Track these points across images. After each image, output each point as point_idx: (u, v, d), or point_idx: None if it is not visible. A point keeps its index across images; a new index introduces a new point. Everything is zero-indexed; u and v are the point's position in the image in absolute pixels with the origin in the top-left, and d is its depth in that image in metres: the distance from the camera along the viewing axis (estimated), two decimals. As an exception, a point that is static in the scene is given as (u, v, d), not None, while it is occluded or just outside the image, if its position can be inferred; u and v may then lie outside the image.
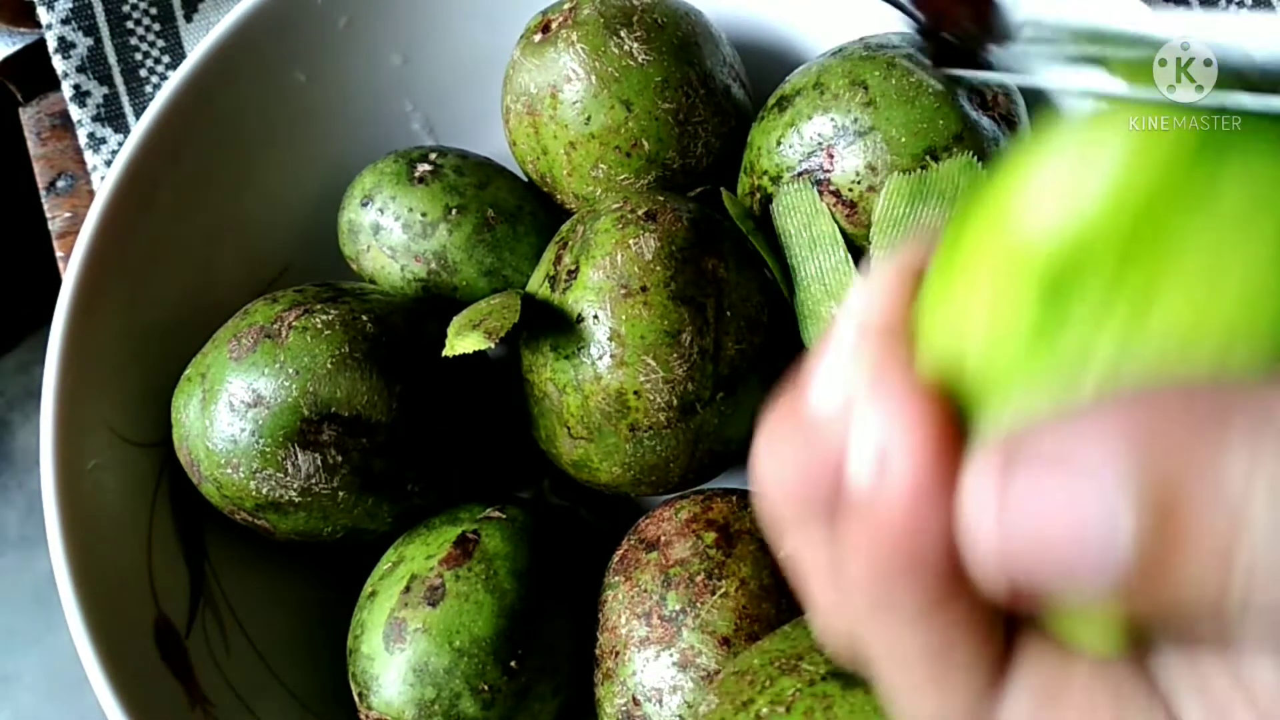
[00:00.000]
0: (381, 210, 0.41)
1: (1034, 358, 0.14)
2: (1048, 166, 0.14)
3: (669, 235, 0.35)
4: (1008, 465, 0.12)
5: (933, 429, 0.14)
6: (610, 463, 0.36)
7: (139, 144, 0.39)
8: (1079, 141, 0.14)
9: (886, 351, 0.15)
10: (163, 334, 0.39)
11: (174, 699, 0.34)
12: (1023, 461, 0.12)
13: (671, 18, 0.40)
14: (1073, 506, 0.12)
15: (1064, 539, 0.12)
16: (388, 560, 0.37)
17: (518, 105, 0.41)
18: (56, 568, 0.33)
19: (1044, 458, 0.12)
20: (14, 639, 1.08)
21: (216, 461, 0.35)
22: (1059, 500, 0.12)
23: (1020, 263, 0.14)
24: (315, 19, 0.43)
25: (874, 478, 0.14)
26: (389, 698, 0.33)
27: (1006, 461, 0.12)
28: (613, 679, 0.35)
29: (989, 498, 0.12)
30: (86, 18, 0.49)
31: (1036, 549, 0.12)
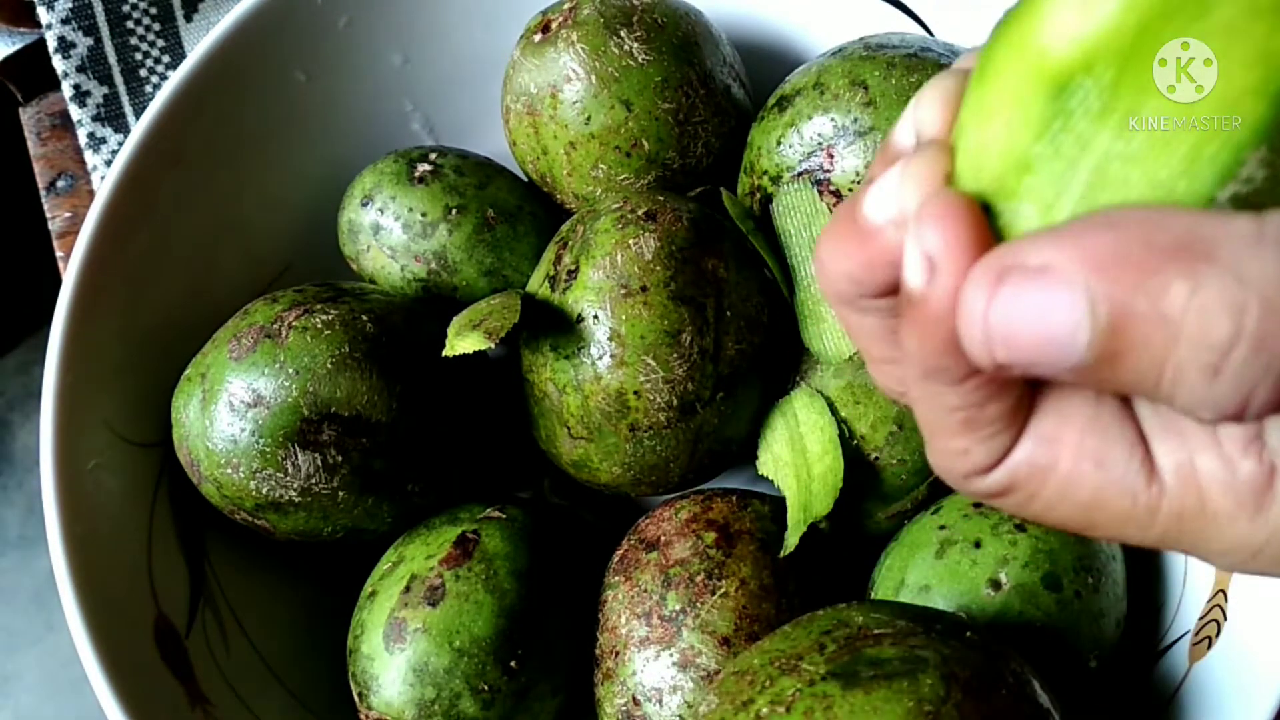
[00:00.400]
0: (381, 210, 0.41)
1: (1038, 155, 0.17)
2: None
3: (669, 235, 0.35)
4: (998, 277, 0.16)
5: (970, 242, 0.17)
6: (610, 463, 0.36)
7: (139, 144, 0.39)
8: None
9: (932, 169, 0.18)
10: (163, 334, 0.39)
11: (174, 699, 0.34)
12: (1009, 275, 0.16)
13: (671, 18, 0.40)
14: (1045, 315, 0.16)
15: (1035, 339, 0.16)
16: (388, 560, 0.37)
17: (518, 105, 0.41)
18: (56, 568, 0.33)
19: (1026, 271, 0.16)
20: (14, 639, 1.08)
21: (216, 461, 0.35)
22: (1034, 309, 0.16)
23: (1034, 70, 0.16)
24: (315, 19, 0.43)
25: (925, 282, 0.17)
26: (389, 698, 0.33)
27: (997, 274, 0.16)
28: (613, 679, 0.35)
29: (980, 302, 0.16)
30: (86, 17, 0.49)
31: (1012, 345, 0.16)
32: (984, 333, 0.16)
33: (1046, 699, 0.27)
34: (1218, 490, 0.18)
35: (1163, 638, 0.36)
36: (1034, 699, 0.27)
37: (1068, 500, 0.19)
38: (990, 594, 0.33)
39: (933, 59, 0.36)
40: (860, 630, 0.28)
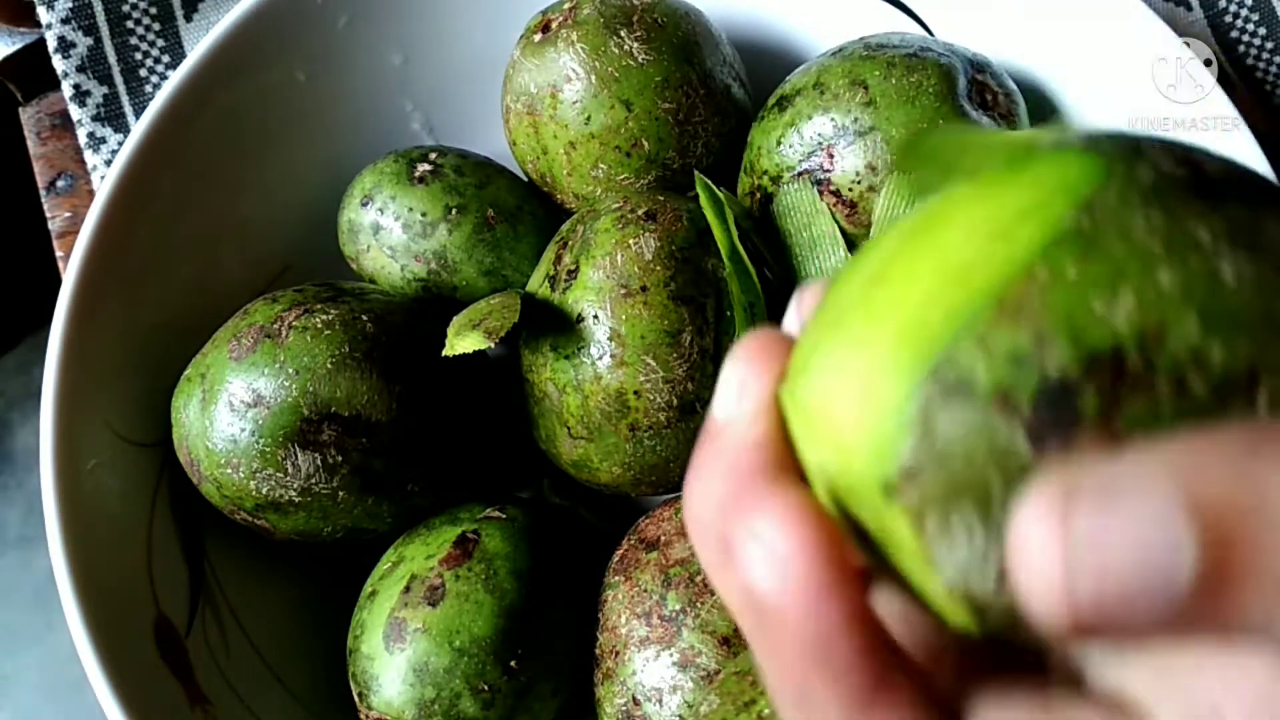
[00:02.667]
0: (381, 210, 0.41)
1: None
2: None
3: (669, 235, 0.35)
4: (1066, 502, 0.13)
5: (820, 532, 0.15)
6: (610, 463, 0.36)
7: (139, 144, 0.39)
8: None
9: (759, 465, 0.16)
10: (163, 334, 0.39)
11: (174, 699, 0.34)
12: (1081, 497, 0.13)
13: (671, 17, 0.40)
14: (1135, 536, 0.12)
15: (1129, 568, 0.12)
16: (388, 560, 0.37)
17: (518, 105, 0.41)
18: (56, 567, 0.33)
19: (1099, 492, 0.13)
20: (14, 639, 1.08)
21: (216, 461, 0.35)
22: (1121, 531, 0.12)
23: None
24: (315, 19, 0.43)
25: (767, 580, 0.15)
26: (389, 697, 0.33)
27: (1065, 498, 0.13)
28: (613, 679, 0.35)
29: (1049, 535, 0.13)
30: (86, 17, 0.49)
31: (1104, 583, 0.12)
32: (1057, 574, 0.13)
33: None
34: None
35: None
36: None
37: None
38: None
39: (933, 59, 0.36)
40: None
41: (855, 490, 0.16)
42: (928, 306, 0.15)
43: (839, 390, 0.16)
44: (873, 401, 0.15)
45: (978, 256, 0.15)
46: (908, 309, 0.15)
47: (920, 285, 0.15)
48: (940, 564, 0.15)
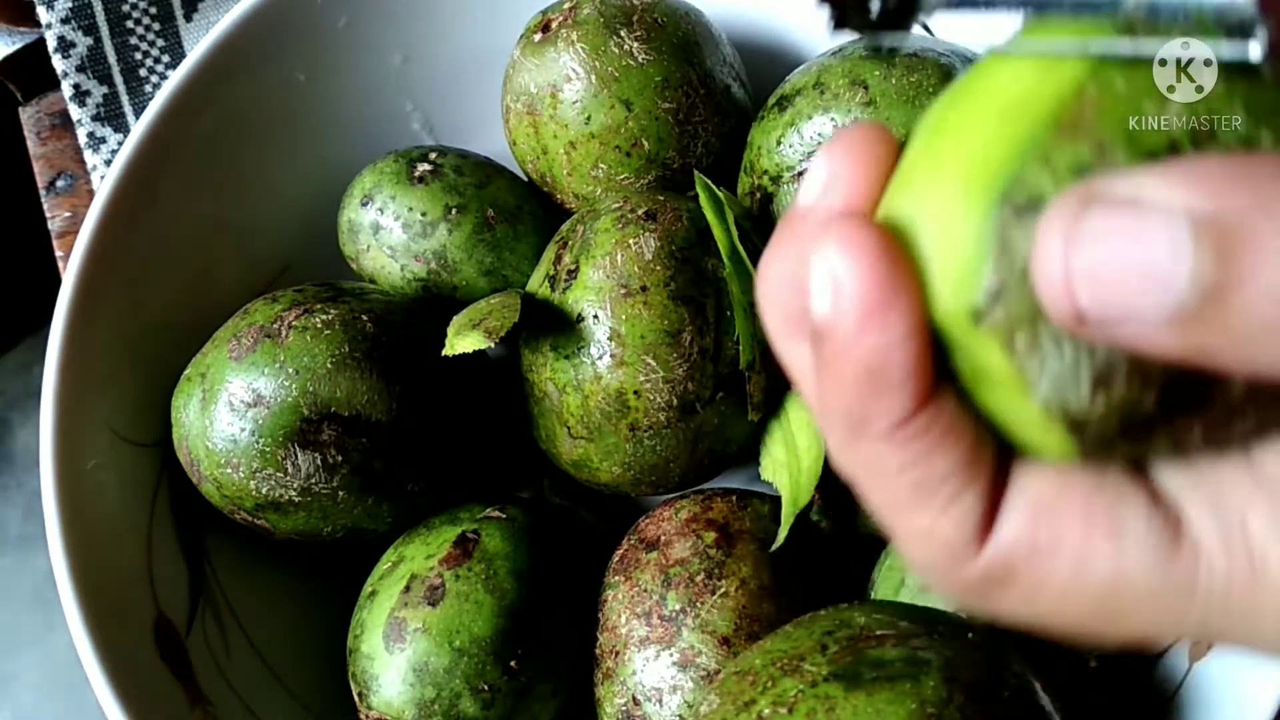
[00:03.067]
0: (381, 210, 0.41)
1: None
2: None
3: (669, 235, 0.35)
4: (1082, 205, 0.13)
5: (878, 253, 0.15)
6: (610, 463, 0.36)
7: (139, 143, 0.39)
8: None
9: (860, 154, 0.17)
10: (163, 334, 0.39)
11: (174, 699, 0.34)
12: (1097, 201, 0.13)
13: (671, 17, 0.40)
14: (1140, 244, 0.13)
15: (1127, 275, 0.13)
16: (388, 560, 0.37)
17: (518, 105, 0.41)
18: (56, 567, 0.33)
19: (1118, 199, 0.13)
20: (14, 639, 1.08)
21: (216, 461, 0.35)
22: (1128, 238, 0.13)
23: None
24: (315, 19, 0.43)
25: (832, 307, 0.15)
26: (389, 697, 0.33)
27: (1082, 201, 0.13)
28: (613, 679, 0.35)
29: (1058, 237, 0.13)
30: (86, 17, 0.49)
31: (1100, 285, 0.13)
32: (1064, 273, 0.13)
33: (1047, 700, 0.27)
34: (1276, 550, 0.15)
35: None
36: (1035, 701, 0.27)
37: (1083, 588, 0.15)
38: (991, 594, 0.33)
39: (933, 59, 0.36)
40: (862, 631, 0.28)
41: (946, 329, 0.16)
42: (990, 141, 0.15)
43: (918, 235, 0.16)
44: (951, 234, 0.15)
45: (1028, 90, 0.16)
46: (971, 147, 0.16)
47: (979, 125, 0.16)
48: (1034, 382, 0.15)
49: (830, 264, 0.15)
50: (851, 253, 0.15)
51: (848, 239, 0.15)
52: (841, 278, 0.15)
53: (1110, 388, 0.15)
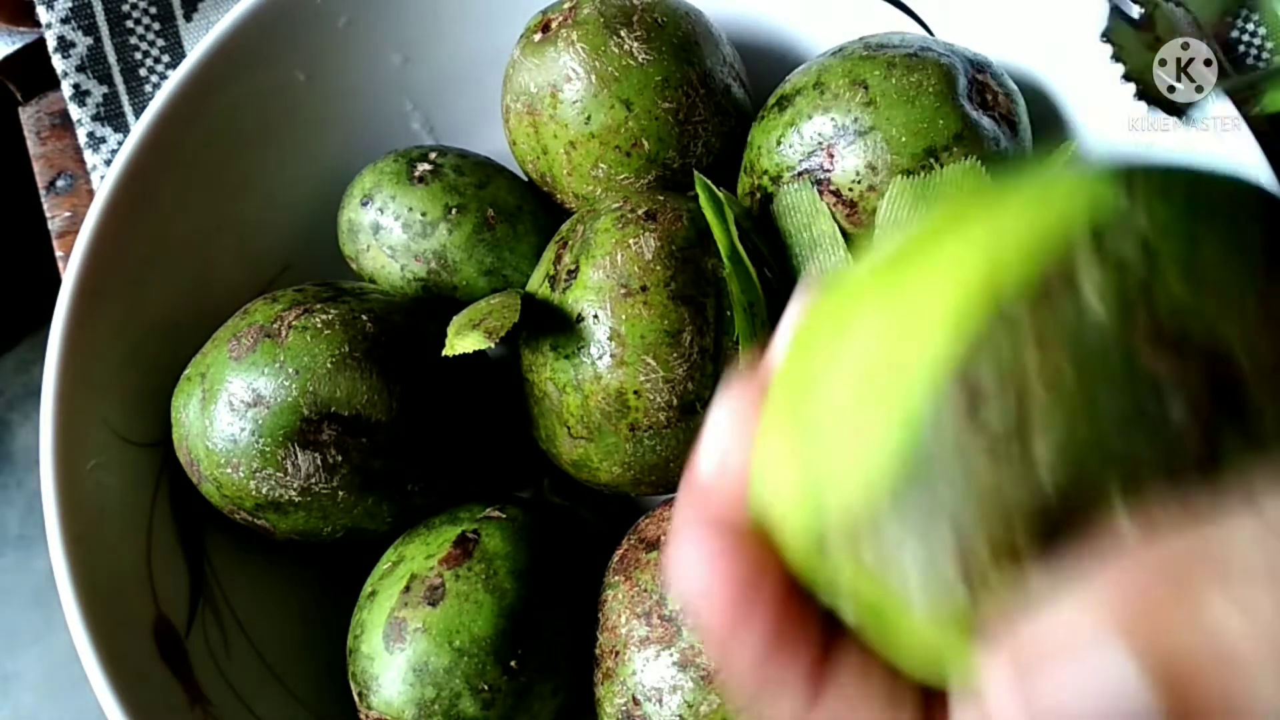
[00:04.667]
0: (381, 210, 0.41)
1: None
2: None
3: (669, 235, 0.35)
4: (1022, 671, 0.13)
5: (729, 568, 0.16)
6: (610, 462, 0.36)
7: (139, 143, 0.39)
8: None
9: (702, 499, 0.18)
10: (163, 334, 0.39)
11: (174, 699, 0.34)
12: (1033, 662, 0.13)
13: (671, 17, 0.40)
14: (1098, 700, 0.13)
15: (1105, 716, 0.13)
16: (388, 560, 0.37)
17: (518, 105, 0.41)
18: (56, 567, 0.33)
19: (1051, 652, 0.13)
20: (14, 638, 1.08)
21: (216, 461, 0.35)
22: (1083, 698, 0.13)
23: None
24: (315, 18, 0.43)
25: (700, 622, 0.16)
26: (389, 697, 0.33)
27: (1018, 667, 0.13)
28: (613, 679, 0.35)
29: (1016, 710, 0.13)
30: (86, 17, 0.49)
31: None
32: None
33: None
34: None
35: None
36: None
37: None
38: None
39: (933, 59, 0.36)
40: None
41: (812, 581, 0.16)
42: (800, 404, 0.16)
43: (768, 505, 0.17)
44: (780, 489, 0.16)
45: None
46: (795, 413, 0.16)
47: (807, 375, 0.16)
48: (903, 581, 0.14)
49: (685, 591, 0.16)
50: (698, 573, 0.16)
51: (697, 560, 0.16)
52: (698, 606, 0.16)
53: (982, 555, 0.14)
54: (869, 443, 0.15)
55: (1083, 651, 0.13)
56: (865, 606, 0.16)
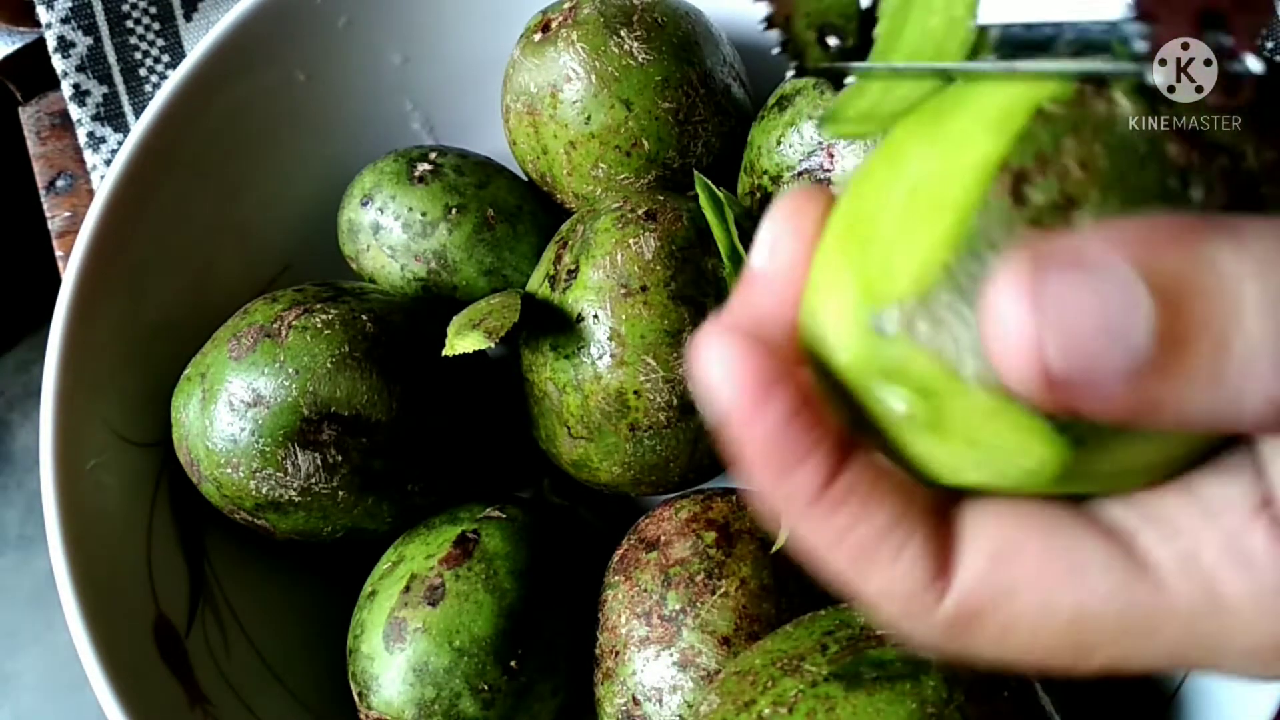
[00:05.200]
0: (381, 210, 0.41)
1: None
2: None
3: (669, 235, 0.35)
4: (1035, 271, 0.14)
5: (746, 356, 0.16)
6: (610, 462, 0.36)
7: (139, 143, 0.39)
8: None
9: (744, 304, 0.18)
10: (163, 334, 0.39)
11: (174, 699, 0.34)
12: (1049, 265, 0.14)
13: (671, 17, 0.40)
14: (1098, 296, 0.13)
15: (1088, 330, 0.13)
16: (388, 560, 0.37)
17: (518, 105, 0.41)
18: (56, 567, 0.33)
19: (1066, 260, 0.14)
20: (14, 638, 1.08)
21: (216, 461, 0.35)
22: (1080, 295, 0.13)
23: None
24: (315, 18, 0.43)
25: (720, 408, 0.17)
26: (389, 697, 0.33)
27: (1033, 267, 0.14)
28: (613, 679, 0.35)
29: (1015, 302, 0.14)
30: (86, 17, 0.49)
31: (1065, 340, 0.13)
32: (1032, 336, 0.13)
33: (1047, 701, 0.27)
34: (1230, 576, 0.15)
35: (1163, 638, 0.36)
36: (1036, 701, 0.27)
37: (1049, 622, 0.16)
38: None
39: (933, 59, 0.36)
40: (862, 631, 0.28)
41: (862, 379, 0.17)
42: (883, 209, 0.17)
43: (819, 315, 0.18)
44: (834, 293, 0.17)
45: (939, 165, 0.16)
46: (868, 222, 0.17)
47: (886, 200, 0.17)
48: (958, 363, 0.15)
49: (709, 377, 0.17)
50: (722, 363, 0.16)
51: (718, 353, 0.17)
52: (719, 386, 0.16)
53: None
54: (921, 237, 0.16)
55: (1093, 262, 0.13)
56: (917, 389, 0.16)
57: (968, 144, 0.16)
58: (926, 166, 0.16)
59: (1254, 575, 0.15)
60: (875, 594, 0.17)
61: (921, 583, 0.16)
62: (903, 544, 0.16)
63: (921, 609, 0.16)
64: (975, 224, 0.15)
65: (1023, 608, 0.16)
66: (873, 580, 0.17)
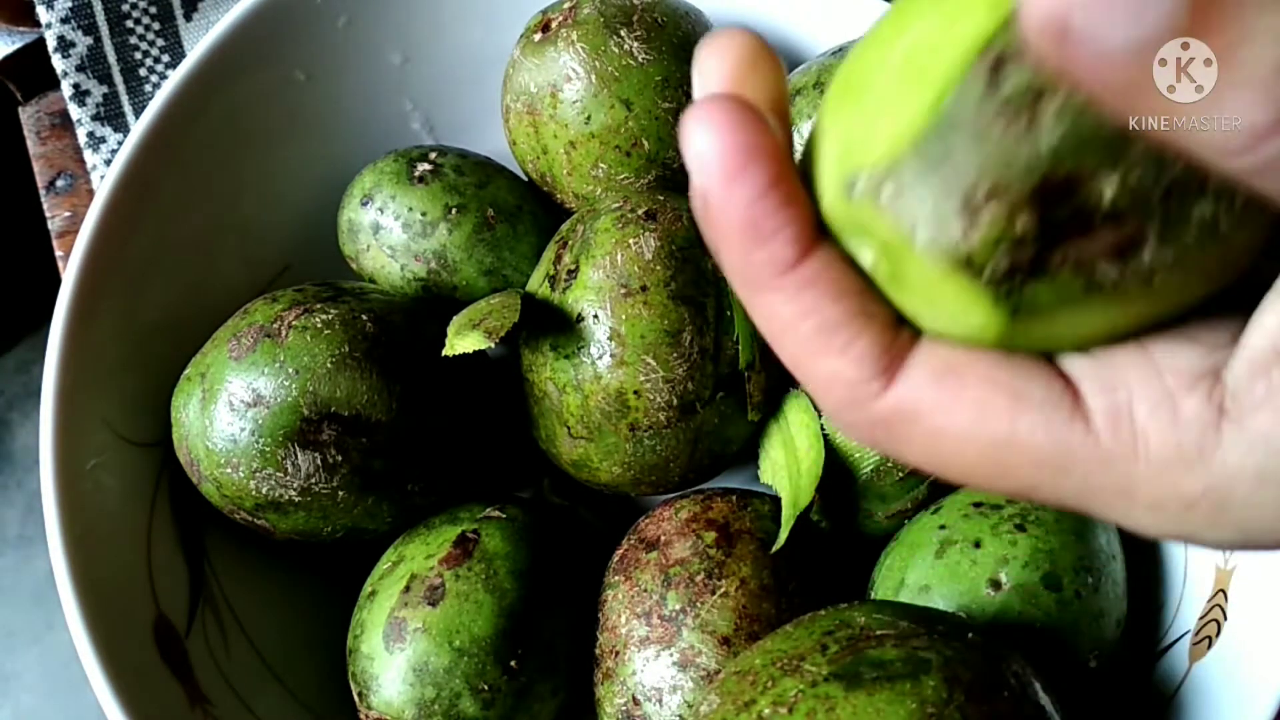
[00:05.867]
0: (381, 210, 0.41)
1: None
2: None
3: (669, 235, 0.35)
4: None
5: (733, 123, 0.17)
6: (610, 462, 0.36)
7: (138, 143, 0.39)
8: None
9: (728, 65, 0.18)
10: (163, 334, 0.39)
11: (174, 699, 0.34)
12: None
13: (671, 17, 0.40)
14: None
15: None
16: (388, 560, 0.37)
17: (517, 104, 0.41)
18: (56, 567, 0.33)
19: None
20: (14, 638, 1.08)
21: (216, 461, 0.35)
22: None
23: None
24: (315, 18, 0.43)
25: (700, 173, 0.17)
26: (389, 697, 0.33)
27: None
28: (613, 679, 0.35)
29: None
30: (86, 17, 0.49)
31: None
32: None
33: (1048, 701, 0.27)
34: (1155, 431, 0.16)
35: (1163, 638, 0.36)
36: (1036, 701, 0.27)
37: (978, 439, 0.17)
38: (990, 594, 0.33)
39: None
40: (862, 631, 0.28)
41: (837, 223, 0.18)
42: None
43: (819, 152, 0.18)
44: (829, 135, 0.18)
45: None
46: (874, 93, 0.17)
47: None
48: (911, 231, 0.16)
49: (694, 138, 0.17)
50: (709, 125, 0.17)
51: (707, 116, 0.17)
52: (702, 149, 0.17)
53: (982, 208, 0.16)
54: (902, 107, 0.16)
55: None
56: (881, 247, 0.17)
57: (966, 15, 0.16)
58: (925, 33, 0.17)
59: (1177, 432, 0.16)
60: (822, 380, 0.18)
61: (865, 375, 0.17)
62: (855, 336, 0.17)
63: (860, 400, 0.18)
64: (949, 105, 0.16)
65: (955, 419, 0.17)
66: (821, 365, 0.18)
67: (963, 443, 0.17)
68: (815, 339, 0.18)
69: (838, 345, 0.18)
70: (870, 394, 0.18)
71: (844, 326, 0.17)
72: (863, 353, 0.17)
